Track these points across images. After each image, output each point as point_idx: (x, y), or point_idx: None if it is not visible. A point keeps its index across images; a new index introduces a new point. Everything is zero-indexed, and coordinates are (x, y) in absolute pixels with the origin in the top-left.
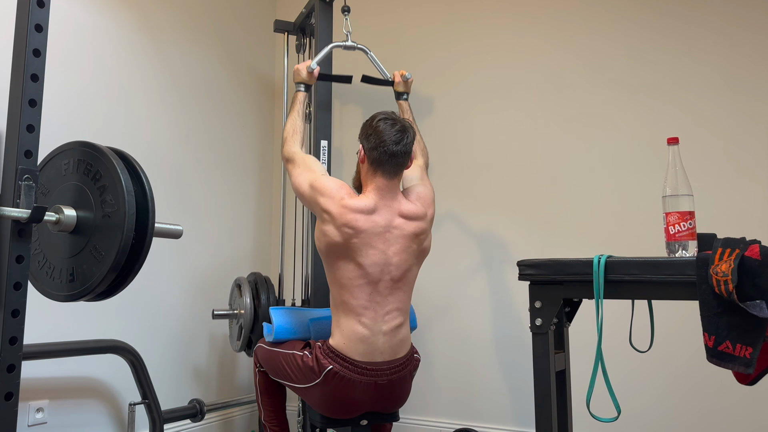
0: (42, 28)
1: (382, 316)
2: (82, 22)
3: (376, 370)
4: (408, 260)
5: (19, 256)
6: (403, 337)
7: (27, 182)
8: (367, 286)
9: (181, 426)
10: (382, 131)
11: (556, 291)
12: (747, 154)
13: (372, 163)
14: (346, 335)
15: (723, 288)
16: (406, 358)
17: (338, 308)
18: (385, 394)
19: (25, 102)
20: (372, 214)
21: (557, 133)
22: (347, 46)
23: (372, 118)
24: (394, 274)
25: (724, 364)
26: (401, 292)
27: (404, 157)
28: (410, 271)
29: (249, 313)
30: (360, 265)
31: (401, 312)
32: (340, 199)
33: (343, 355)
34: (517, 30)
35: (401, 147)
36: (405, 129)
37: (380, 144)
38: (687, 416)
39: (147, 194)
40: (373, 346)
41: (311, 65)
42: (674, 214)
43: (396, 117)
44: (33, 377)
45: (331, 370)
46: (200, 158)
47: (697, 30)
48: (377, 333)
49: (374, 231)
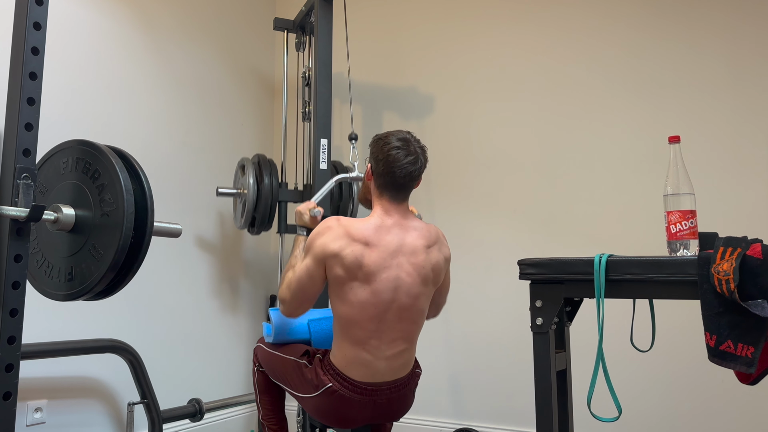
0: (41, 26)
1: (387, 344)
2: (81, 19)
3: (376, 390)
4: (418, 285)
5: (17, 255)
6: (405, 360)
7: (25, 181)
8: (375, 318)
9: (180, 426)
10: (392, 161)
11: (557, 290)
12: (749, 152)
13: (378, 188)
14: (348, 359)
15: (725, 287)
16: (407, 377)
17: (343, 333)
18: (384, 411)
19: (23, 100)
20: (382, 232)
21: (558, 131)
22: (352, 178)
23: (385, 141)
24: (404, 301)
25: (726, 364)
26: (409, 322)
27: (412, 182)
28: (419, 299)
29: (252, 192)
30: (372, 288)
31: (406, 341)
32: (342, 227)
33: (344, 375)
34: (517, 27)
35: (409, 179)
36: (417, 159)
37: (388, 173)
38: (688, 416)
39: (146, 193)
40: (374, 370)
41: (314, 210)
42: (675, 212)
43: (410, 140)
44: (31, 377)
45: (330, 388)
46: (199, 157)
47: (699, 25)
48: (380, 358)
49: (387, 249)
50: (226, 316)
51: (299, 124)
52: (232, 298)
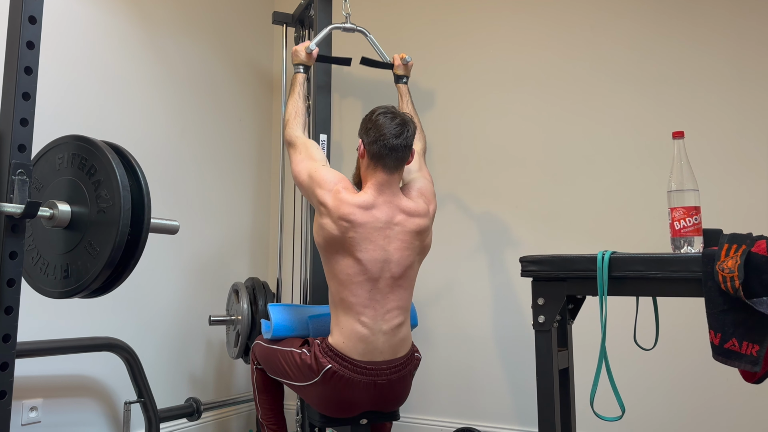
0: (36, 20)
1: (383, 315)
2: (76, 13)
3: (376, 370)
4: (409, 257)
5: (12, 252)
6: (403, 336)
7: (20, 177)
8: (366, 284)
9: (177, 425)
10: (381, 125)
11: (560, 288)
12: (754, 148)
13: (372, 158)
14: (346, 334)
15: (729, 285)
16: (406, 358)
17: (337, 306)
18: (385, 394)
19: (18, 95)
20: (371, 209)
21: (560, 127)
22: (347, 28)
23: (371, 112)
24: (395, 271)
25: (731, 362)
26: (402, 290)
27: (405, 150)
28: (411, 268)
29: (246, 320)
30: (359, 260)
31: (402, 311)
32: (336, 192)
33: (343, 354)
34: (519, 21)
35: (402, 140)
36: (405, 122)
37: (380, 138)
38: (692, 415)
39: (143, 189)
40: (373, 346)
41: (310, 46)
42: (679, 209)
43: (396, 111)
44: (27, 375)
45: (330, 369)
46: (197, 152)
47: (703, 21)
48: (377, 332)
49: (374, 226)
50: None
51: None
52: None
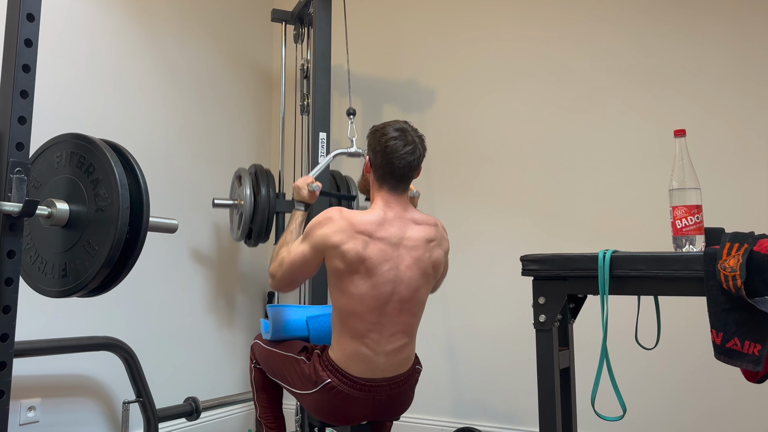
0: (34, 18)
1: (387, 338)
2: (75, 11)
3: (375, 387)
4: (419, 279)
5: (10, 251)
6: (406, 356)
7: (19, 175)
8: (375, 306)
9: (176, 425)
10: (391, 152)
11: (560, 287)
12: (757, 146)
13: (377, 179)
14: (347, 353)
15: (731, 284)
16: (407, 374)
17: (342, 326)
18: (384, 408)
19: (16, 93)
20: (384, 225)
21: (561, 124)
22: (351, 153)
23: (382, 132)
24: (404, 294)
25: (733, 362)
26: (409, 315)
27: (411, 172)
28: (419, 291)
29: (249, 204)
30: (372, 281)
31: (407, 334)
32: (339, 218)
33: (342, 371)
34: (519, 18)
35: (408, 169)
36: (415, 149)
37: (387, 164)
38: (694, 414)
39: (141, 187)
40: (374, 365)
41: (312, 185)
42: (681, 207)
43: (407, 130)
44: (25, 375)
45: (329, 384)
46: (196, 150)
47: (705, 16)
48: (380, 353)
49: (389, 242)
50: (223, 313)
51: (297, 118)
52: (229, 293)
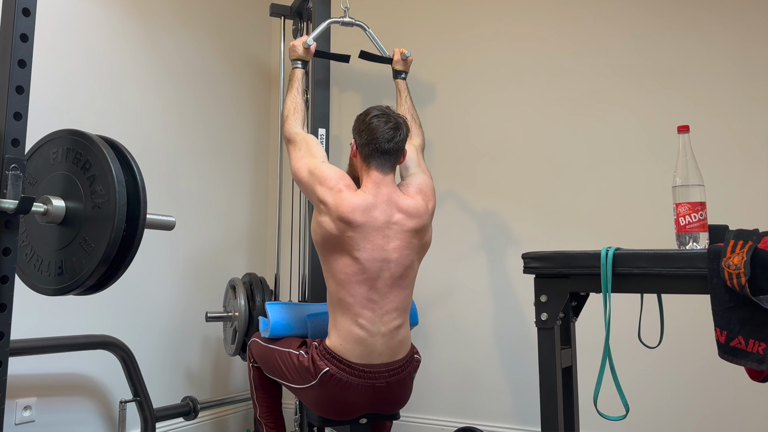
0: (30, 12)
1: (381, 317)
2: (71, 6)
3: (374, 373)
4: (408, 256)
5: (6, 249)
6: (402, 338)
7: (14, 172)
8: (365, 283)
9: (173, 424)
10: (374, 128)
11: (563, 284)
12: (760, 142)
13: (364, 159)
14: (343, 336)
15: (735, 281)
16: (405, 360)
17: (335, 306)
18: (384, 397)
19: (12, 89)
20: (370, 209)
21: (563, 121)
22: (345, 22)
23: (366, 113)
24: (394, 270)
25: (737, 361)
26: (401, 290)
27: (396, 153)
28: (411, 267)
29: (243, 316)
30: (357, 259)
31: (401, 312)
32: (338, 191)
33: (340, 357)
34: (520, 14)
35: (393, 144)
36: (398, 126)
37: (372, 141)
38: (698, 414)
39: (138, 184)
40: (371, 348)
41: (307, 41)
42: (685, 204)
43: (390, 112)
44: (20, 374)
45: (328, 372)
46: (194, 147)
47: (708, 12)
48: (375, 334)
49: (373, 225)
50: None
51: None
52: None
